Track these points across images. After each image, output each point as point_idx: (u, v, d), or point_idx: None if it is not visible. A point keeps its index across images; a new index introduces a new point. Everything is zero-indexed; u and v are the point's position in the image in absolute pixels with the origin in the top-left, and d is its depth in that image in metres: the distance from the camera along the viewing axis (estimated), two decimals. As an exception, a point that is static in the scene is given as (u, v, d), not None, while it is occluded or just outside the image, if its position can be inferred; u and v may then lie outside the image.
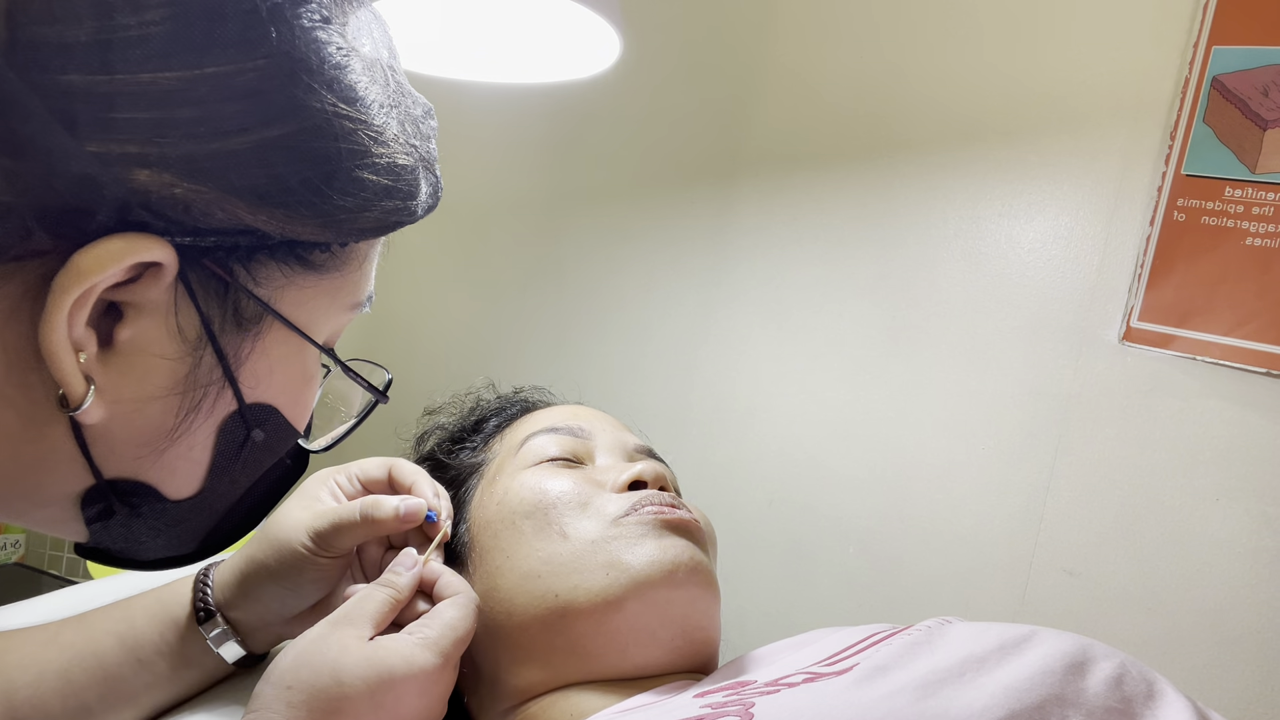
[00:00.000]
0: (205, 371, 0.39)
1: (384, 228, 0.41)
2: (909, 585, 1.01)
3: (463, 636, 0.56)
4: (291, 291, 0.40)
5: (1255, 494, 0.84)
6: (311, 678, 0.51)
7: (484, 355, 1.37)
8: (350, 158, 0.38)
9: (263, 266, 0.39)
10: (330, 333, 0.45)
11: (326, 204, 0.38)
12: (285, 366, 0.43)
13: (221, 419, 0.41)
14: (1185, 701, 0.48)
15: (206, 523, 0.46)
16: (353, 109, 0.38)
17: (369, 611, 0.55)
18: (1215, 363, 0.85)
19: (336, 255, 0.41)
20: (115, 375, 0.37)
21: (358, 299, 0.45)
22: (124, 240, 0.34)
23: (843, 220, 1.05)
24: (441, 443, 0.80)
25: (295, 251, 0.39)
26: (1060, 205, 0.93)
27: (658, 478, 0.68)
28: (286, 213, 0.37)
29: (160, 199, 0.34)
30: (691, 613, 0.62)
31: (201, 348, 0.39)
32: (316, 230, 0.38)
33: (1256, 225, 0.83)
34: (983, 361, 0.97)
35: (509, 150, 1.31)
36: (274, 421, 0.44)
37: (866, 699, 0.45)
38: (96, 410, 0.37)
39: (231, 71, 0.34)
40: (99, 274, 0.34)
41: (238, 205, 0.35)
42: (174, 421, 0.39)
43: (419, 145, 0.42)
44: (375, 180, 0.39)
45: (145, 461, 0.40)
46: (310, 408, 0.47)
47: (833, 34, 1.05)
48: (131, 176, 0.33)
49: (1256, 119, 0.83)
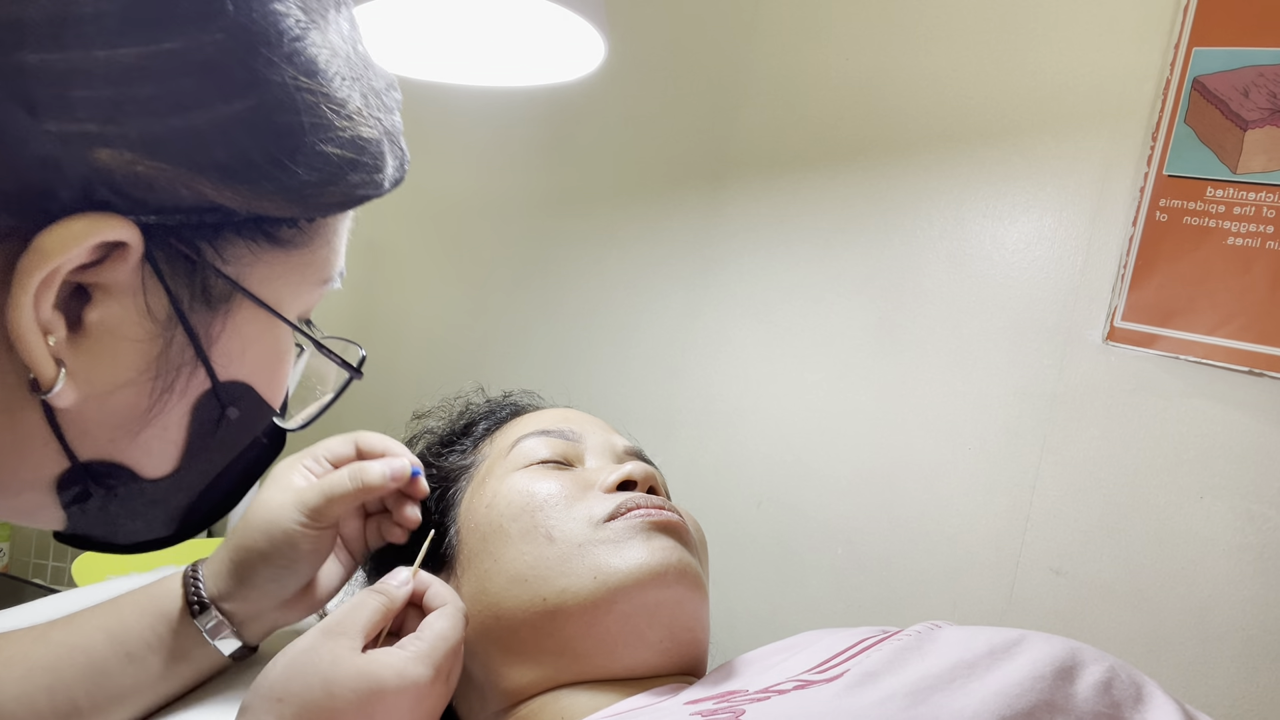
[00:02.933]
0: (177, 351, 0.39)
1: (350, 202, 0.41)
2: (897, 585, 1.02)
3: (454, 647, 0.55)
4: (260, 269, 0.40)
5: (1239, 491, 0.84)
6: (303, 690, 0.50)
7: (472, 358, 1.36)
8: (313, 131, 0.38)
9: (229, 244, 0.38)
10: (302, 309, 0.45)
11: (291, 179, 0.37)
12: (257, 344, 0.42)
13: (196, 398, 0.41)
14: (1173, 704, 0.49)
15: (184, 502, 0.46)
16: (313, 81, 0.37)
17: (361, 621, 0.55)
18: (1198, 362, 0.86)
19: (304, 231, 0.41)
20: (86, 358, 0.37)
21: (327, 275, 0.45)
22: (87, 220, 0.33)
23: (829, 222, 1.05)
24: (431, 446, 0.80)
25: (262, 228, 0.39)
26: (1044, 206, 0.94)
27: (647, 478, 0.68)
28: (251, 188, 0.36)
29: (123, 177, 0.34)
30: (679, 614, 0.62)
31: (172, 328, 0.38)
32: (282, 206, 0.38)
33: (1238, 225, 0.84)
34: (968, 362, 0.98)
35: (496, 153, 1.31)
36: (249, 399, 0.43)
37: (857, 706, 0.45)
38: (69, 393, 0.36)
39: (189, 46, 0.34)
40: (63, 255, 0.33)
41: (201, 182, 0.35)
42: (148, 402, 0.39)
43: (383, 118, 0.42)
44: (340, 154, 0.39)
45: (120, 443, 0.40)
46: (285, 385, 0.47)
47: (818, 37, 1.06)
48: (93, 155, 0.33)
49: (1237, 120, 0.83)
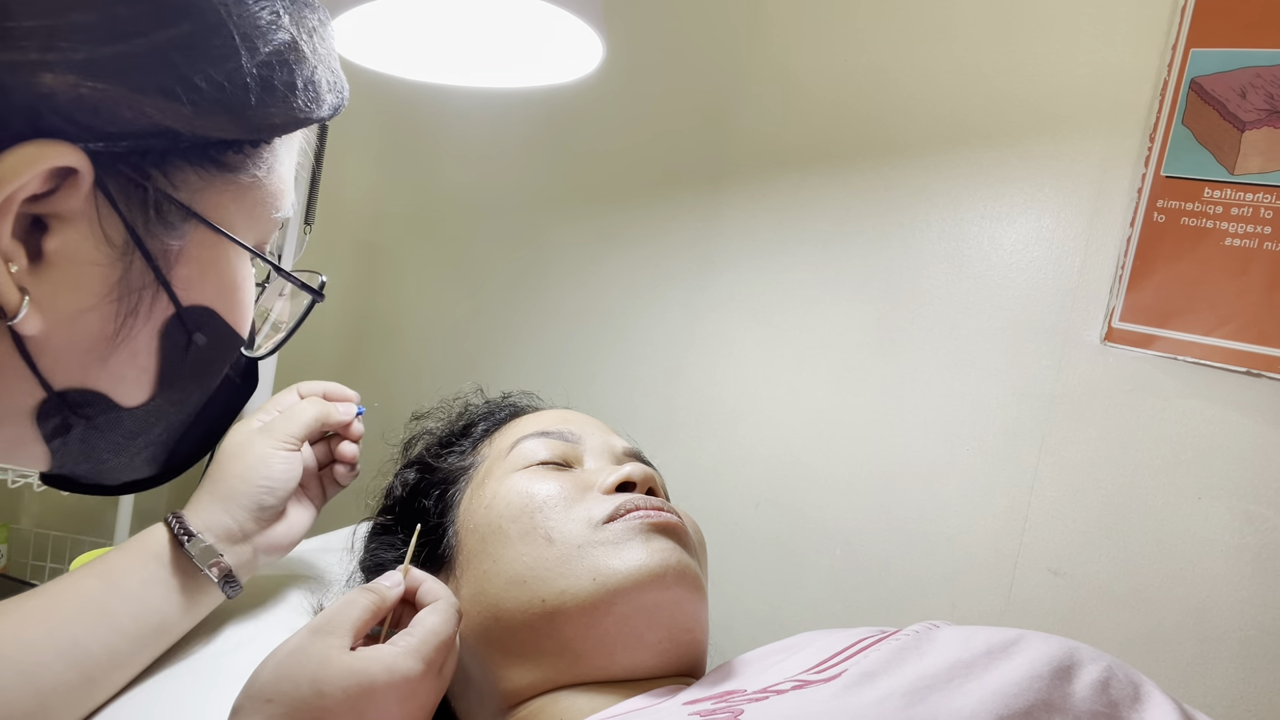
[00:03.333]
0: (137, 275, 0.40)
1: (291, 123, 0.43)
2: (895, 586, 1.02)
3: (445, 642, 0.55)
4: (210, 194, 0.41)
5: (1236, 492, 0.85)
6: (292, 690, 0.50)
7: (470, 359, 1.36)
8: (249, 54, 0.39)
9: (178, 170, 0.40)
10: (256, 239, 0.46)
11: (231, 99, 0.39)
12: (216, 269, 0.44)
13: (161, 323, 0.42)
14: (1171, 704, 0.49)
15: (163, 437, 0.47)
16: (242, 8, 0.39)
17: (351, 619, 0.55)
18: (1196, 362, 0.86)
19: (250, 157, 0.43)
20: (49, 286, 0.38)
21: (278, 204, 0.46)
22: (35, 147, 0.34)
23: (827, 223, 1.06)
24: (430, 447, 0.80)
25: (209, 154, 0.40)
26: (1042, 207, 0.94)
27: (646, 479, 0.68)
28: (194, 110, 0.38)
29: (67, 101, 0.35)
30: (678, 615, 0.62)
31: (130, 253, 0.39)
32: (227, 126, 0.40)
33: (1235, 226, 0.84)
34: (967, 363, 0.98)
35: (494, 155, 1.31)
36: (213, 325, 0.45)
37: (855, 706, 0.46)
38: (34, 320, 0.37)
39: None
40: (13, 182, 0.34)
41: (144, 103, 0.36)
42: (114, 326, 0.40)
43: (318, 45, 0.44)
44: (277, 74, 0.41)
45: (92, 370, 0.41)
46: (249, 310, 0.48)
47: (816, 39, 1.06)
48: (36, 80, 0.34)
49: (1234, 120, 0.84)
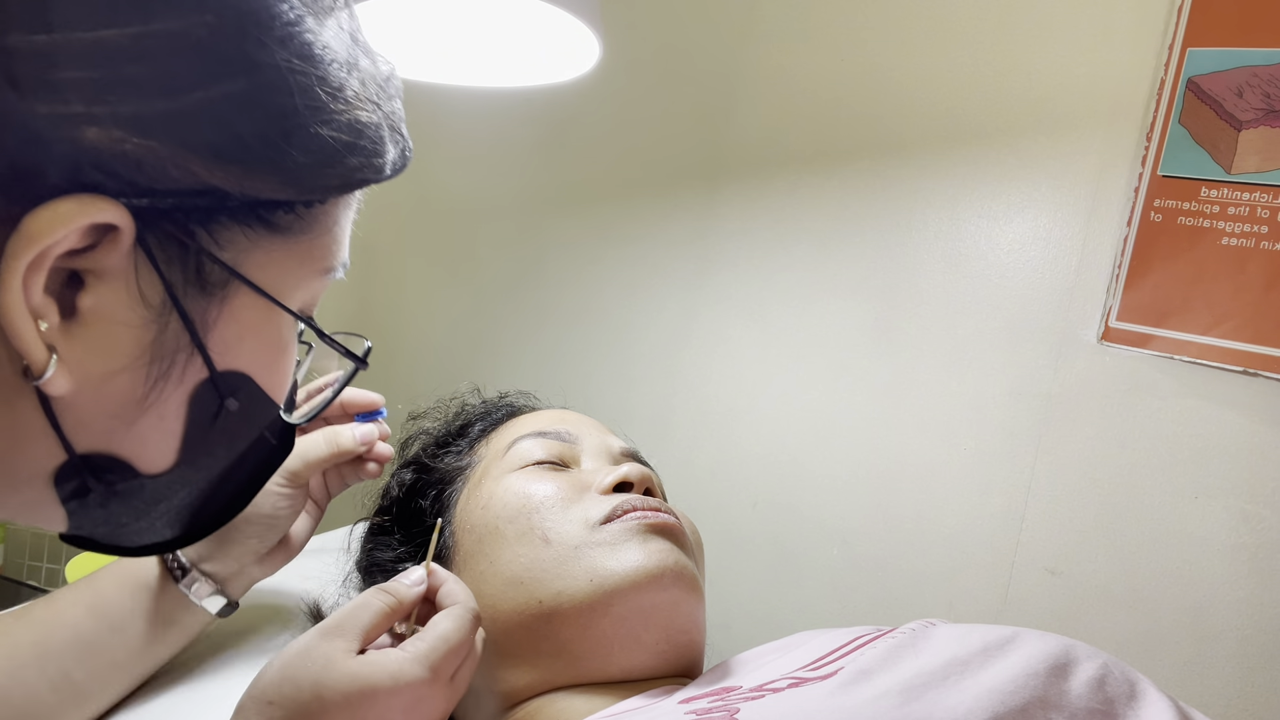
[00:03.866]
0: (172, 338, 0.38)
1: (348, 185, 0.40)
2: (893, 585, 1.02)
3: (455, 648, 0.53)
4: (257, 255, 0.39)
5: (1233, 491, 0.85)
6: (294, 693, 0.49)
7: (468, 359, 1.36)
8: (308, 114, 0.37)
9: (224, 229, 0.38)
10: (304, 300, 0.44)
11: (285, 160, 0.37)
12: (256, 333, 0.42)
13: (193, 387, 0.40)
14: (1167, 701, 0.49)
15: (187, 501, 0.45)
16: (308, 65, 0.37)
17: (363, 622, 0.53)
18: (1193, 362, 0.86)
19: (302, 217, 0.40)
20: (80, 345, 0.36)
21: (329, 264, 0.44)
22: (76, 201, 0.33)
23: (824, 223, 1.06)
24: (427, 447, 0.80)
25: (257, 212, 0.38)
26: (1039, 207, 0.94)
27: (643, 480, 0.68)
28: (244, 169, 0.36)
29: (111, 157, 0.33)
30: (675, 616, 0.62)
31: (166, 313, 0.38)
32: (277, 188, 0.38)
33: (1232, 225, 0.84)
34: (963, 362, 0.98)
35: (491, 154, 1.31)
36: (248, 390, 0.43)
37: (851, 703, 0.46)
38: (62, 380, 0.36)
39: (180, 27, 0.34)
40: (51, 237, 0.33)
41: (193, 161, 0.35)
42: (143, 389, 0.38)
43: (382, 104, 0.41)
44: (336, 137, 0.38)
45: (117, 434, 0.39)
46: (288, 377, 0.45)
47: (813, 38, 1.06)
48: (81, 135, 0.32)
49: (1231, 120, 0.84)
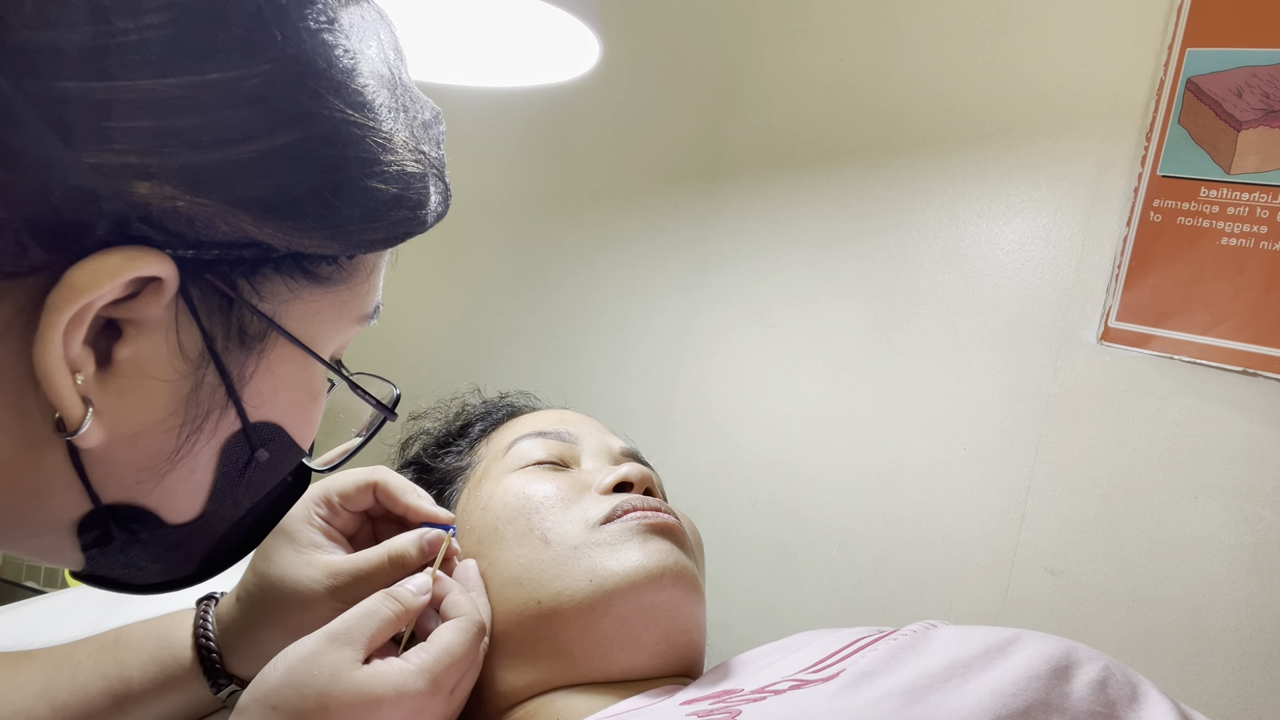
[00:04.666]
0: (208, 392, 0.38)
1: (393, 239, 0.40)
2: (892, 586, 1.02)
3: (458, 661, 0.53)
4: (297, 306, 0.39)
5: (1233, 492, 0.85)
6: (299, 701, 0.49)
7: (468, 359, 1.36)
8: (358, 166, 0.37)
9: (268, 280, 0.37)
10: (337, 347, 0.44)
11: (334, 215, 0.36)
12: (291, 384, 0.41)
13: (224, 439, 0.39)
14: (1168, 704, 0.49)
15: (206, 545, 0.44)
16: (360, 115, 0.36)
17: (369, 631, 0.53)
18: (1192, 362, 0.86)
19: (344, 267, 0.40)
20: (114, 396, 0.35)
21: (365, 311, 0.44)
22: (122, 255, 0.32)
23: (824, 223, 1.06)
24: (427, 447, 0.80)
25: (301, 264, 0.38)
26: (1038, 207, 0.94)
27: (643, 480, 0.68)
28: (293, 225, 0.35)
29: (160, 212, 0.32)
30: (676, 616, 0.62)
31: (204, 366, 0.37)
32: (324, 243, 0.37)
33: (1231, 225, 0.84)
34: (963, 362, 0.98)
35: (491, 154, 1.31)
36: (279, 441, 0.42)
37: (853, 706, 0.45)
38: (95, 433, 0.35)
39: (235, 77, 0.33)
40: (95, 290, 0.32)
41: (242, 218, 0.34)
42: (175, 444, 0.38)
43: (428, 151, 0.41)
44: (384, 189, 0.38)
45: (145, 486, 0.38)
46: (316, 424, 0.45)
47: (813, 37, 1.06)
48: (131, 189, 0.32)
49: (1231, 120, 0.84)
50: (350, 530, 0.67)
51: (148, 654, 0.63)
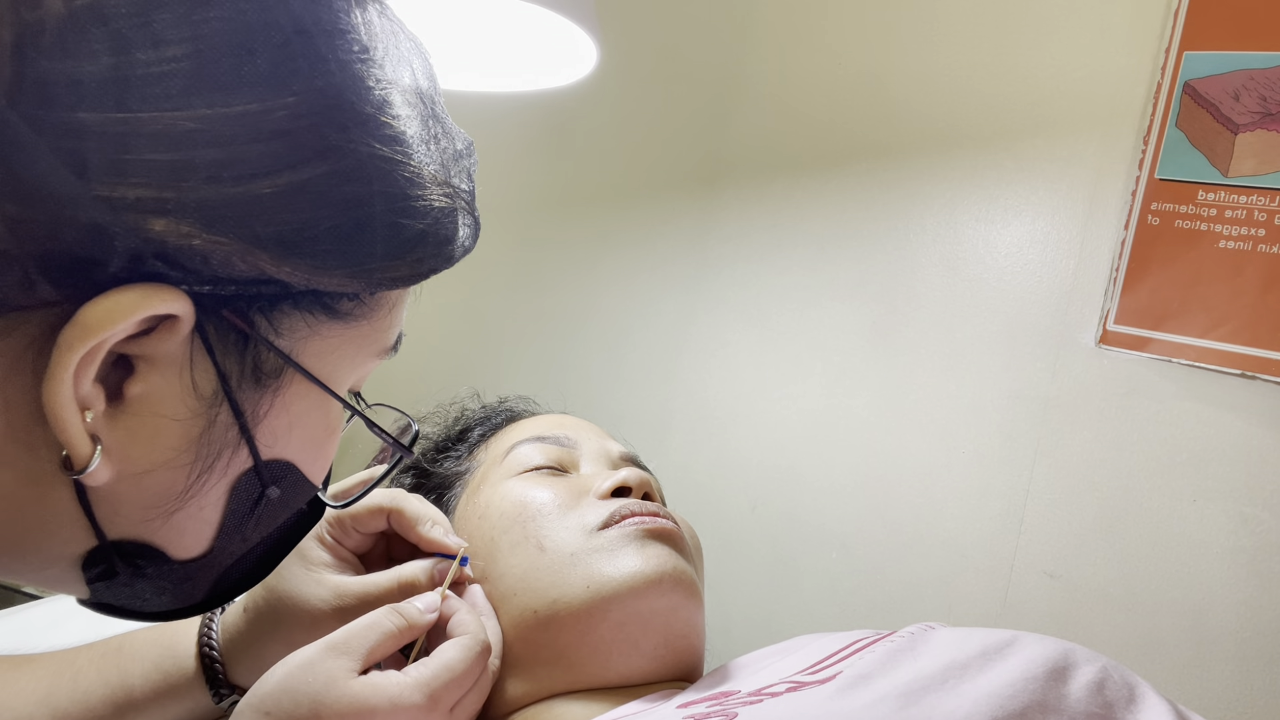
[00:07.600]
0: (220, 431, 0.36)
1: (417, 276, 0.38)
2: (891, 589, 1.02)
3: (458, 679, 0.52)
4: (316, 342, 0.38)
5: (1232, 495, 0.85)
6: (292, 708, 0.49)
7: (467, 364, 1.36)
8: (384, 201, 0.35)
9: (285, 316, 0.36)
10: (355, 381, 0.43)
11: (356, 253, 0.35)
12: (306, 421, 0.40)
13: (235, 477, 0.39)
14: (1166, 705, 0.49)
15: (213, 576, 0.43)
16: (389, 149, 0.35)
17: (369, 643, 0.52)
18: (1191, 365, 0.86)
19: (365, 303, 0.39)
20: (124, 434, 0.34)
21: (386, 344, 0.43)
22: (137, 292, 0.31)
23: (822, 226, 1.06)
24: (426, 452, 0.80)
25: (321, 300, 0.37)
26: (1036, 210, 0.94)
27: (642, 484, 0.68)
28: (313, 263, 0.34)
29: (176, 249, 0.31)
30: (674, 621, 0.62)
31: (217, 405, 0.36)
32: (344, 280, 0.35)
33: (1229, 228, 0.84)
34: (962, 365, 0.98)
35: (489, 158, 1.30)
36: (291, 478, 0.41)
37: (849, 708, 0.45)
38: (103, 471, 0.34)
39: (260, 110, 0.32)
40: (108, 329, 0.31)
41: (260, 256, 0.33)
42: (185, 483, 0.37)
43: (458, 184, 0.39)
44: (410, 225, 0.36)
45: (153, 524, 0.38)
46: (330, 458, 0.44)
47: (810, 41, 1.06)
48: (146, 225, 0.31)
49: (1228, 123, 0.84)
50: (362, 549, 0.66)
51: (151, 662, 0.62)
